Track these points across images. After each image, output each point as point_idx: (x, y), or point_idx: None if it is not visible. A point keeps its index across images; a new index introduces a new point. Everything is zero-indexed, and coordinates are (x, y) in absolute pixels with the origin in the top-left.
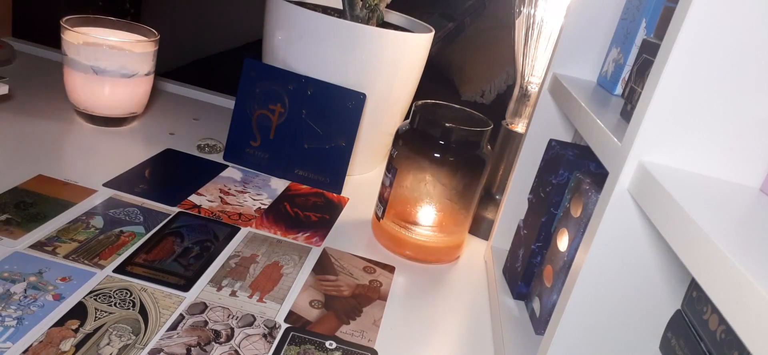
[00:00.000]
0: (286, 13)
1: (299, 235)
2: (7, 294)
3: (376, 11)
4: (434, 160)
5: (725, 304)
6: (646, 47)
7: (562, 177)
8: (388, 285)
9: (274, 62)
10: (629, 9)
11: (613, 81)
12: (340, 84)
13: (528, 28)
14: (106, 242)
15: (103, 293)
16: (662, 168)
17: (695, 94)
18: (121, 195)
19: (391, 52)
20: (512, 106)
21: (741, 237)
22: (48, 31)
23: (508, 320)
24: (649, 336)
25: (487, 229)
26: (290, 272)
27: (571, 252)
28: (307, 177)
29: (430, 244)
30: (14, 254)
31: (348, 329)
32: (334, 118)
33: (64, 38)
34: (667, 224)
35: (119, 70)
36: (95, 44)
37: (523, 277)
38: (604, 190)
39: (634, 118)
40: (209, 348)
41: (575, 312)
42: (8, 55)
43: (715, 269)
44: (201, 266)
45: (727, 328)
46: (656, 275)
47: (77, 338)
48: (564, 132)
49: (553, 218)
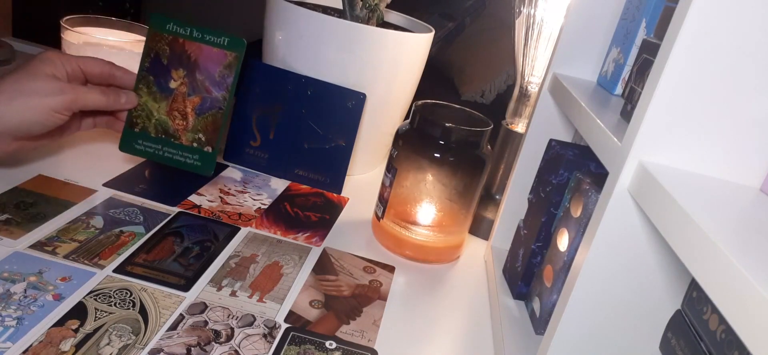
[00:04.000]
0: (286, 13)
1: (299, 235)
2: (7, 294)
3: (376, 11)
4: (434, 160)
5: (725, 304)
6: (646, 47)
7: (562, 177)
8: (388, 285)
9: (274, 62)
10: (629, 9)
11: (613, 81)
12: (340, 84)
13: (528, 28)
14: (106, 241)
15: (103, 293)
16: (662, 168)
17: (695, 95)
18: (121, 195)
19: (391, 52)
20: (512, 106)
21: (741, 237)
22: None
23: (508, 320)
24: (649, 336)
25: (487, 229)
26: (290, 272)
27: (571, 252)
28: (307, 177)
29: (430, 244)
30: (14, 253)
31: (348, 329)
32: (334, 118)
33: (64, 38)
34: (667, 224)
35: None
36: (95, 44)
37: (523, 277)
38: (604, 190)
39: (634, 118)
40: (209, 348)
41: (575, 312)
42: (8, 55)
43: (715, 269)
44: (201, 266)
45: (727, 328)
46: (656, 275)
47: (77, 338)
48: (564, 132)
49: (553, 218)
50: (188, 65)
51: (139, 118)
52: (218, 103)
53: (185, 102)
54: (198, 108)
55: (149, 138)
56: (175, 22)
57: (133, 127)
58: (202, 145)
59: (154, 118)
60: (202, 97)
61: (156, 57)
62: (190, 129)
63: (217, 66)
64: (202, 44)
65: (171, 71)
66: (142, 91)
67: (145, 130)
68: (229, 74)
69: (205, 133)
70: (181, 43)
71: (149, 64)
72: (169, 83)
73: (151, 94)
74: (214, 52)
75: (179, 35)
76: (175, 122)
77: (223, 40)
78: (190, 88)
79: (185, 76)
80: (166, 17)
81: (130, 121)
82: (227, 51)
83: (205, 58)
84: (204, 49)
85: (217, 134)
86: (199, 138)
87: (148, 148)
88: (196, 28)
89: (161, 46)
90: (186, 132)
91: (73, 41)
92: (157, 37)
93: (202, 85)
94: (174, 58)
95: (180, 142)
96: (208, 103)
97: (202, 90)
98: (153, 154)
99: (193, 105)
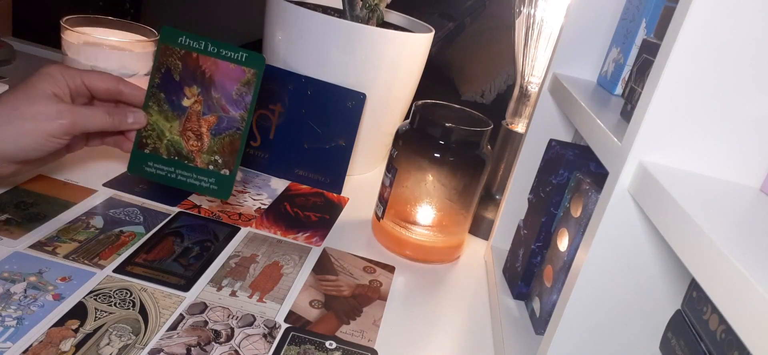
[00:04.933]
0: (286, 13)
1: (299, 235)
2: (7, 294)
3: (376, 11)
4: (434, 160)
5: (725, 304)
6: (646, 47)
7: (562, 177)
8: (388, 285)
9: (274, 62)
10: (629, 9)
11: (613, 81)
12: (340, 84)
13: (528, 28)
14: (106, 241)
15: (103, 293)
16: (662, 168)
17: (695, 94)
18: (121, 195)
19: (391, 52)
20: (512, 106)
21: (741, 237)
22: (48, 31)
23: (508, 320)
24: (649, 336)
25: (487, 229)
26: (290, 272)
27: (571, 252)
28: (307, 177)
29: (430, 244)
30: (14, 253)
31: (348, 329)
32: (334, 118)
33: (64, 38)
34: (667, 224)
35: (119, 70)
36: (95, 44)
37: (523, 277)
38: (604, 190)
39: (634, 118)
40: (209, 348)
41: (575, 312)
42: (8, 55)
43: (715, 269)
44: (201, 266)
45: (727, 328)
46: (656, 275)
47: (77, 338)
48: (564, 132)
49: (553, 218)
50: (203, 82)
51: (149, 139)
52: (236, 123)
53: (200, 121)
54: (214, 128)
55: (160, 160)
56: (188, 36)
57: (142, 148)
58: (218, 167)
59: (166, 139)
60: (219, 117)
61: (167, 72)
62: (206, 150)
63: (234, 83)
64: (218, 59)
65: (184, 88)
66: (153, 110)
67: (155, 151)
68: (248, 92)
69: (222, 156)
70: (194, 57)
71: (160, 80)
72: (182, 101)
73: (163, 112)
74: (231, 68)
75: (192, 49)
76: (189, 143)
77: (240, 55)
78: (205, 107)
79: (199, 93)
80: (177, 30)
81: (140, 141)
82: (245, 67)
83: (221, 75)
84: (220, 65)
85: (235, 156)
86: (216, 160)
87: (159, 171)
88: (211, 42)
89: (173, 60)
90: (201, 154)
91: (73, 41)
92: (168, 51)
93: (218, 103)
94: (187, 74)
95: (195, 164)
96: (225, 122)
97: (218, 109)
98: (165, 177)
99: (208, 125)
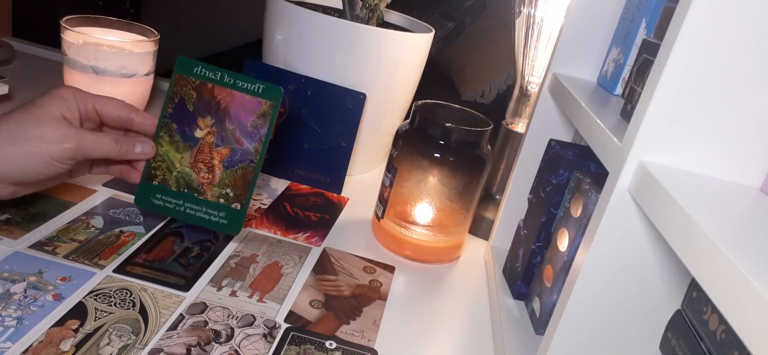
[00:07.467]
0: (286, 13)
1: (299, 235)
2: (7, 294)
3: (376, 11)
4: (434, 160)
5: (725, 304)
6: (646, 47)
7: (562, 177)
8: (388, 285)
9: (274, 62)
10: (629, 9)
11: (613, 81)
12: (340, 84)
13: (528, 28)
14: (106, 241)
15: (103, 293)
16: (662, 168)
17: (695, 94)
18: (121, 195)
19: (391, 52)
20: (512, 106)
21: (741, 237)
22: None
23: (508, 320)
24: (649, 336)
25: (487, 229)
26: (290, 272)
27: (571, 252)
28: (307, 177)
29: (430, 244)
30: (14, 253)
31: (348, 329)
32: (334, 118)
33: (64, 38)
34: (667, 224)
35: (119, 70)
36: (95, 44)
37: (523, 277)
38: (604, 190)
39: (634, 118)
40: (209, 348)
41: (575, 312)
42: (8, 55)
43: (715, 269)
44: (201, 266)
45: (727, 328)
46: (656, 275)
47: (77, 338)
48: (564, 132)
49: (553, 218)
50: (217, 113)
51: (158, 170)
52: (249, 155)
53: (212, 153)
54: (226, 160)
55: (169, 192)
56: (204, 66)
57: (151, 179)
58: (229, 201)
59: (176, 171)
60: (232, 149)
61: (181, 102)
62: (217, 183)
63: (249, 115)
64: (234, 91)
65: (197, 119)
66: (164, 140)
67: (164, 183)
68: (263, 124)
69: (233, 189)
70: (210, 88)
71: (173, 111)
72: (195, 132)
73: (174, 143)
74: (247, 100)
75: (208, 80)
76: (200, 175)
77: (257, 87)
78: (218, 139)
79: (213, 124)
80: (193, 60)
81: (149, 172)
82: (262, 99)
83: (236, 106)
84: (236, 96)
85: (247, 190)
86: (227, 194)
87: (167, 204)
88: (228, 73)
89: (187, 90)
90: (212, 186)
91: (73, 41)
92: (182, 80)
93: (232, 135)
94: (201, 105)
95: (205, 197)
96: (238, 155)
97: (232, 141)
98: (173, 210)
99: (221, 157)
